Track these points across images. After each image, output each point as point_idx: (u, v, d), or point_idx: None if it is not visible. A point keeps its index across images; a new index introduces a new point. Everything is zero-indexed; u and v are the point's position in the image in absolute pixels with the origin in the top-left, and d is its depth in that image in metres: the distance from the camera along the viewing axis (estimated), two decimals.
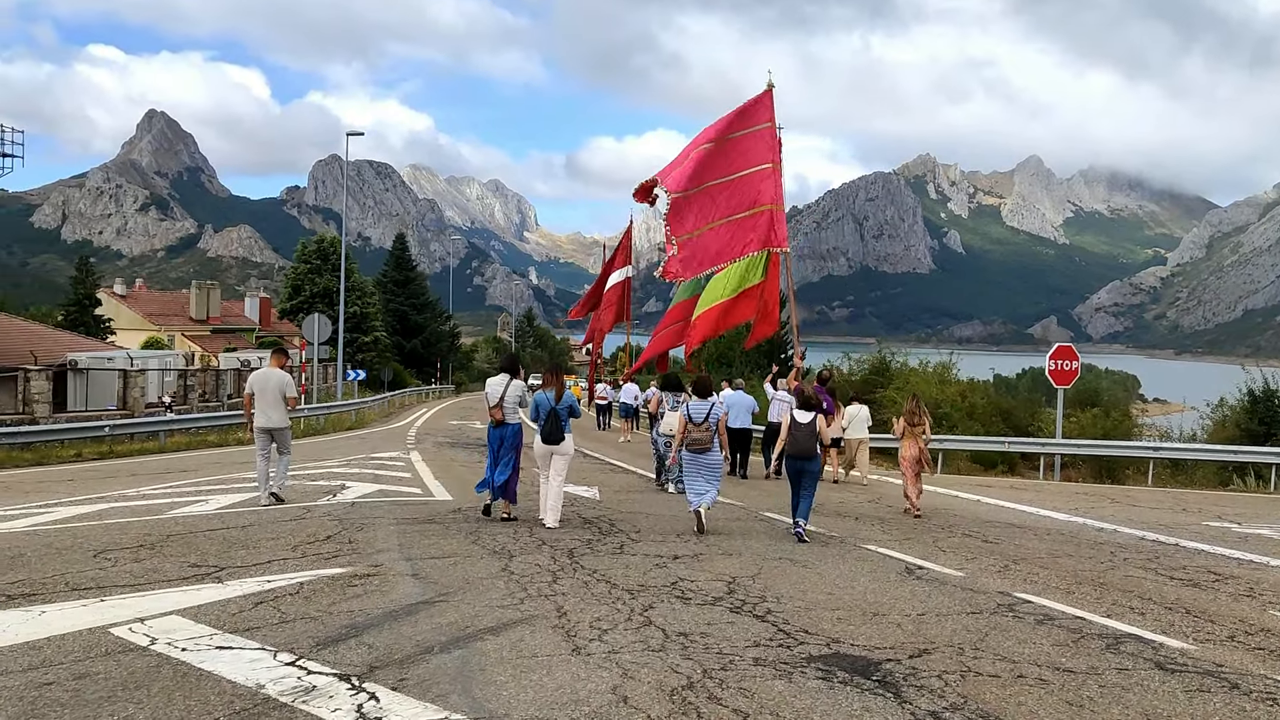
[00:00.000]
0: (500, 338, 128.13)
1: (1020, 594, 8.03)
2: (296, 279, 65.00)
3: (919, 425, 13.41)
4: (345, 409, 34.37)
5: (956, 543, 10.83)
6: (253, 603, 6.69)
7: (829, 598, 7.60)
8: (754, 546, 9.91)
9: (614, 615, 6.62)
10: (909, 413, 13.51)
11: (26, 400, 23.77)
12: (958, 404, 29.26)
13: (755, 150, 16.44)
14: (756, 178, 16.27)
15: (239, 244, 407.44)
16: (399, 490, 13.64)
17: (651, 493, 14.82)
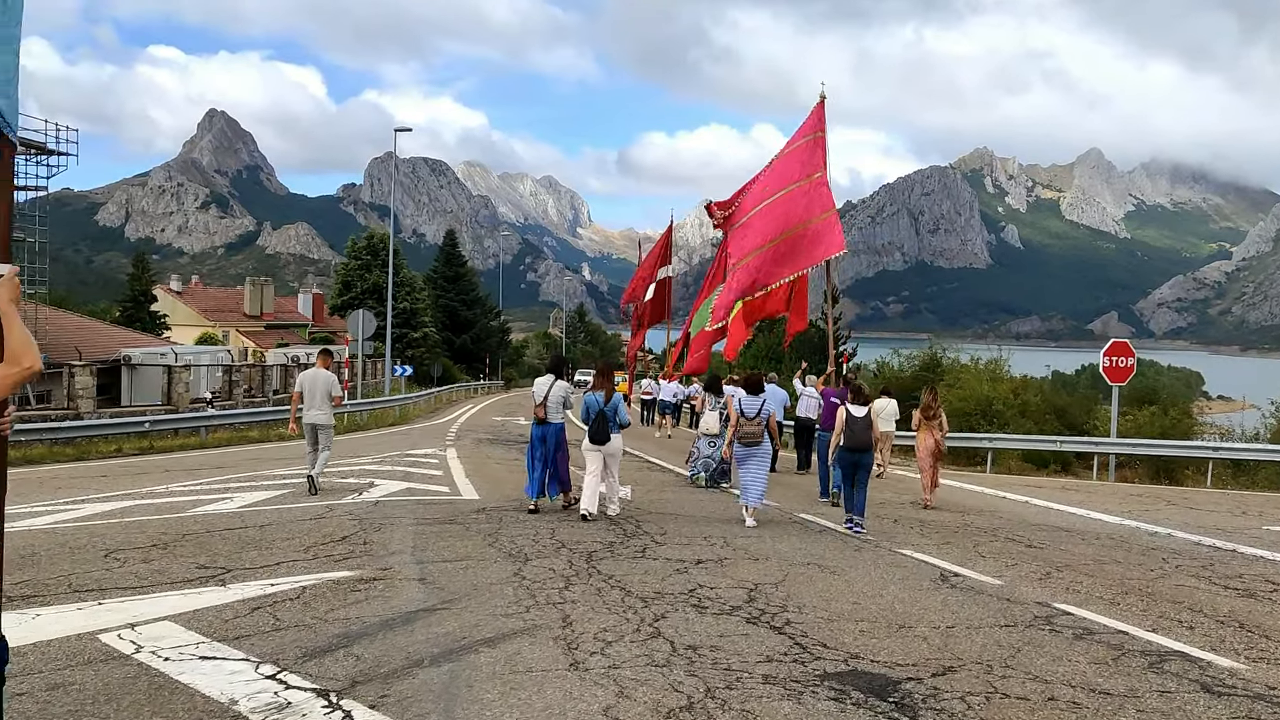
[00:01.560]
0: (551, 334, 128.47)
1: (1060, 605, 7.57)
2: (347, 275, 65.59)
3: (935, 418, 13.65)
4: (388, 405, 34.47)
5: (998, 547, 10.36)
6: (250, 608, 6.48)
7: (854, 608, 7.21)
8: (782, 550, 9.53)
9: (621, 626, 6.30)
10: (925, 406, 13.74)
11: (71, 396, 24.08)
12: (1010, 401, 28.49)
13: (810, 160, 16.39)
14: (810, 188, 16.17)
15: (296, 241, 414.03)
16: (426, 489, 13.46)
17: (685, 493, 14.48)
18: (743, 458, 11.52)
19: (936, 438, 13.67)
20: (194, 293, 77.01)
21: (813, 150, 16.38)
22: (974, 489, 16.75)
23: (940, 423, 13.79)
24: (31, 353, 3.46)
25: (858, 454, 11.42)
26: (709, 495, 14.21)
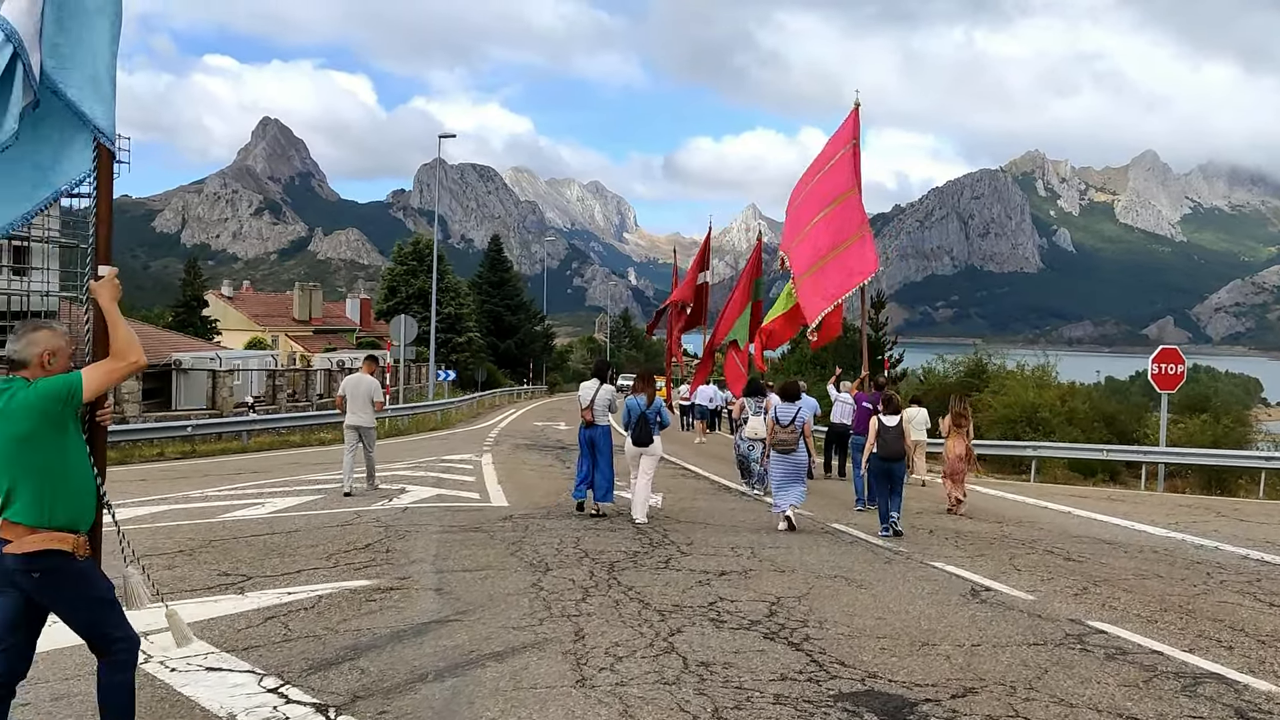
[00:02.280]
0: (596, 339, 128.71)
1: (1094, 622, 7.32)
2: (393, 280, 66.22)
3: (964, 426, 13.75)
4: (430, 409, 34.67)
5: (1035, 560, 10.08)
6: (263, 617, 6.47)
7: (878, 623, 7.02)
8: (809, 562, 9.35)
9: (635, 640, 6.19)
10: (955, 413, 13.80)
11: (118, 399, 24.52)
12: (1056, 408, 27.90)
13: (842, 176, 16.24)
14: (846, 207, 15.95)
15: (347, 246, 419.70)
16: (456, 495, 13.44)
17: (717, 501, 14.32)
18: (778, 464, 11.65)
19: (966, 445, 13.78)
20: (244, 298, 78.17)
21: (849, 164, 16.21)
22: (1015, 499, 16.40)
23: (968, 430, 13.92)
24: (137, 348, 3.92)
25: (890, 463, 11.58)
26: (741, 504, 14.05)
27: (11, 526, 3.69)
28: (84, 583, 3.85)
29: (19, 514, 3.69)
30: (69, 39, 4.16)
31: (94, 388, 3.79)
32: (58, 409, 3.68)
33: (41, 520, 3.69)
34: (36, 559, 3.69)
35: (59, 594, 3.81)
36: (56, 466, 3.71)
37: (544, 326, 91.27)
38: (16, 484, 3.68)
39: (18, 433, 3.64)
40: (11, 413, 3.64)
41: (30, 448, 3.66)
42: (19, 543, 3.68)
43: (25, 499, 3.67)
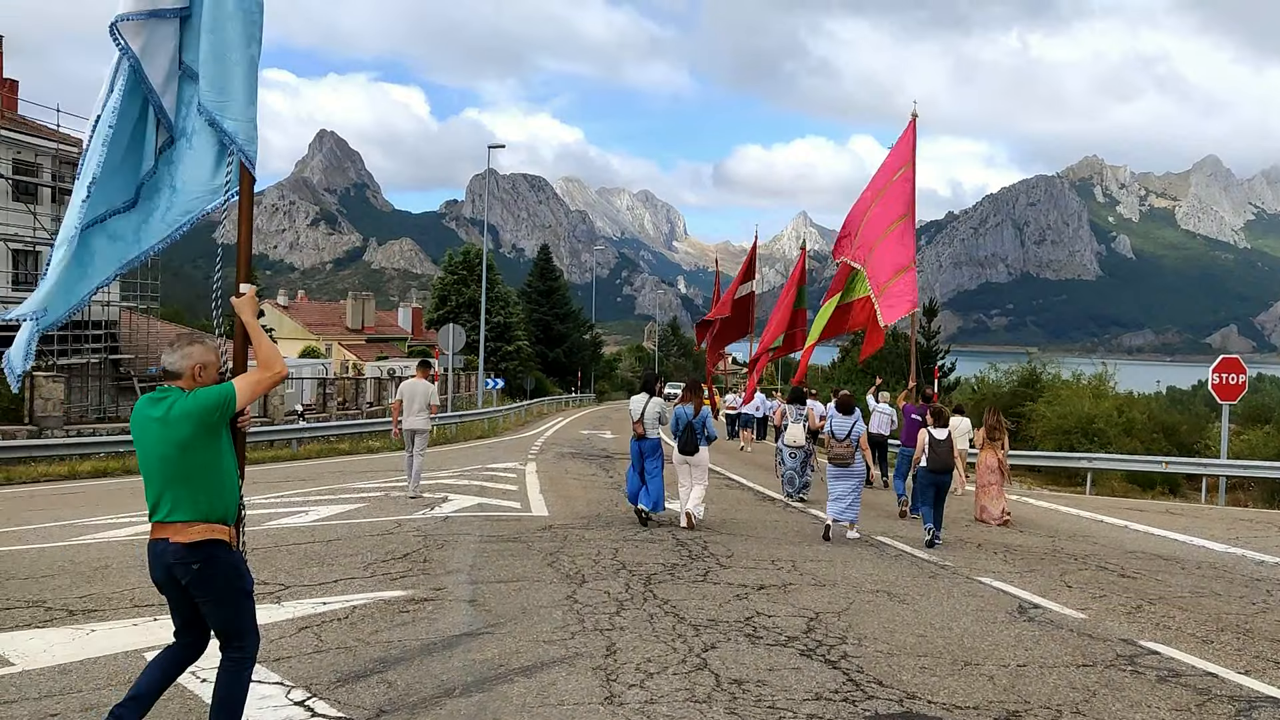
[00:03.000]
0: (644, 347, 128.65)
1: (1146, 642, 7.07)
2: (443, 290, 66.76)
3: (999, 438, 13.81)
4: (477, 417, 34.84)
5: (1087, 577, 9.79)
6: (297, 628, 6.46)
7: (919, 641, 6.84)
8: (852, 576, 9.17)
9: (667, 656, 6.08)
10: (989, 425, 13.85)
11: None
12: (1113, 419, 27.31)
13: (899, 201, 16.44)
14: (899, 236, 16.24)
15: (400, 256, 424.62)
16: (497, 504, 13.42)
17: (760, 512, 14.15)
18: (835, 477, 11.72)
19: (1000, 456, 13.79)
20: (299, 307, 79.31)
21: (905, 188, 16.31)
22: (1070, 511, 16.00)
23: (1003, 442, 13.95)
24: (280, 359, 4.38)
25: (940, 475, 11.58)
26: (784, 515, 13.87)
27: (171, 525, 4.00)
28: (235, 574, 4.12)
29: (178, 512, 4.00)
30: (222, 71, 4.60)
31: (245, 397, 4.13)
32: (215, 418, 4.01)
33: (199, 515, 4.00)
34: (197, 549, 3.99)
35: (212, 584, 4.03)
36: (211, 467, 4.05)
37: (592, 335, 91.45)
38: (175, 485, 3.99)
39: (178, 438, 3.96)
40: (173, 421, 3.96)
41: (189, 452, 3.97)
42: (181, 534, 3.98)
43: (183, 498, 3.98)
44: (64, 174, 33.40)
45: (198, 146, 4.69)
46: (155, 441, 3.99)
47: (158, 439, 3.98)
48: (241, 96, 4.62)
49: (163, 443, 3.96)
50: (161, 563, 4.04)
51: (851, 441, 11.77)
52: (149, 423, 4.01)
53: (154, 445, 3.99)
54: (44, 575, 8.11)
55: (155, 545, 4.06)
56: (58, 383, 22.12)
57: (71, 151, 33.02)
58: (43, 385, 21.39)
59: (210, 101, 4.56)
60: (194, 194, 4.71)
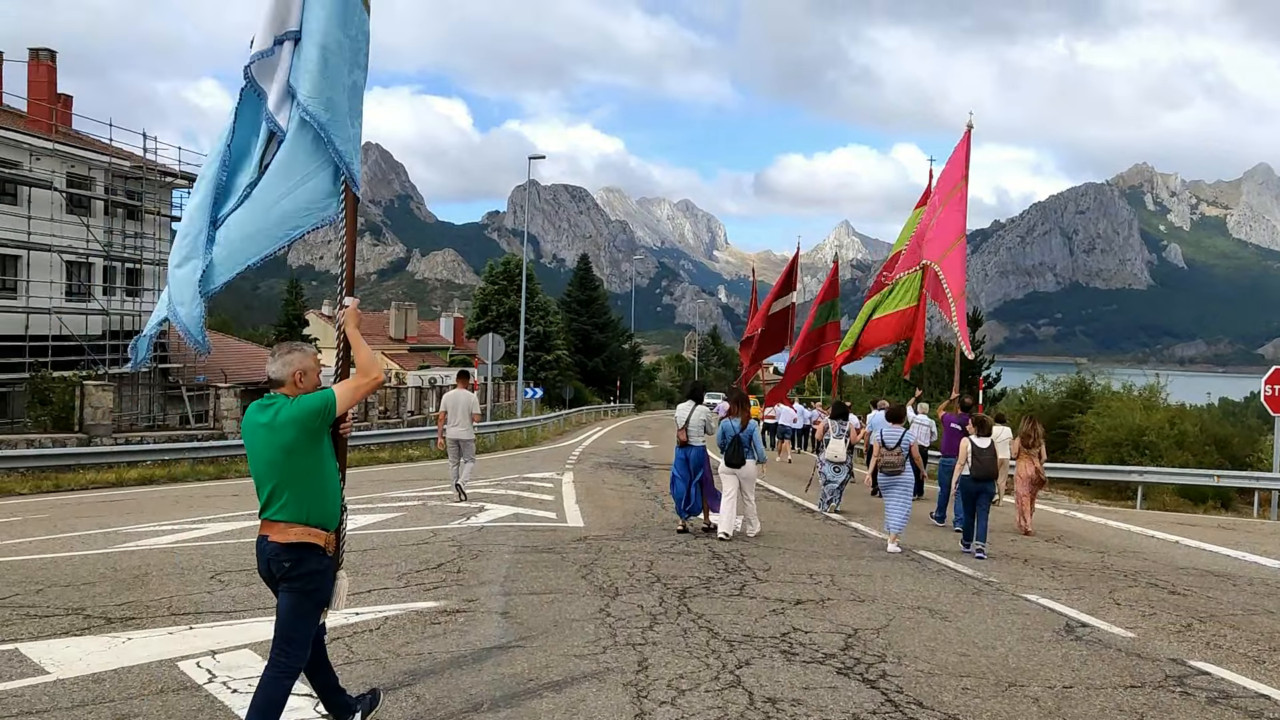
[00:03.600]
0: (684, 357, 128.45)
1: (1197, 662, 6.84)
2: (484, 299, 67.10)
3: (1035, 446, 13.85)
4: (515, 427, 34.91)
5: (1136, 594, 9.52)
6: (329, 638, 6.39)
7: (961, 660, 6.67)
8: (892, 591, 8.99)
9: (700, 672, 5.97)
10: (1025, 434, 13.90)
11: (216, 416, 25.24)
12: (1164, 432, 26.69)
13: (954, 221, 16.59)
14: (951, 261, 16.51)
15: (443, 267, 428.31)
16: (533, 515, 13.37)
17: (800, 525, 13.98)
18: (886, 486, 11.90)
19: (1037, 466, 13.85)
20: None
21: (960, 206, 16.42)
22: (1119, 526, 15.65)
23: (1039, 452, 13.97)
24: (377, 367, 4.53)
25: (982, 483, 11.69)
26: (823, 528, 13.68)
27: (274, 524, 4.25)
28: (317, 581, 4.33)
29: (281, 512, 4.24)
30: (331, 93, 4.89)
31: (345, 403, 4.33)
32: (317, 423, 4.23)
33: (300, 518, 4.24)
34: (293, 549, 4.24)
35: (297, 584, 4.27)
36: (313, 472, 4.27)
37: (632, 344, 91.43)
38: (281, 487, 4.23)
39: (283, 443, 4.18)
40: (279, 426, 4.18)
41: (293, 456, 4.20)
42: (281, 533, 4.24)
43: (287, 500, 4.22)
44: (116, 187, 34.08)
45: (304, 165, 4.91)
46: (263, 446, 4.24)
47: (265, 443, 4.23)
48: (346, 118, 4.91)
49: (269, 447, 4.20)
50: (264, 558, 4.32)
51: (902, 450, 11.90)
52: (257, 428, 4.26)
53: (262, 449, 4.25)
54: (85, 583, 8.18)
55: (260, 541, 4.33)
56: (107, 391, 22.49)
57: (123, 165, 33.69)
58: (92, 394, 21.76)
59: (319, 122, 4.82)
60: (301, 210, 4.92)
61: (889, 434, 11.99)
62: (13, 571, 8.66)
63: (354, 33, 4.96)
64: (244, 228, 4.90)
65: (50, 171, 30.18)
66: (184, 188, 38.03)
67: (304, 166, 4.90)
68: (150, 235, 35.31)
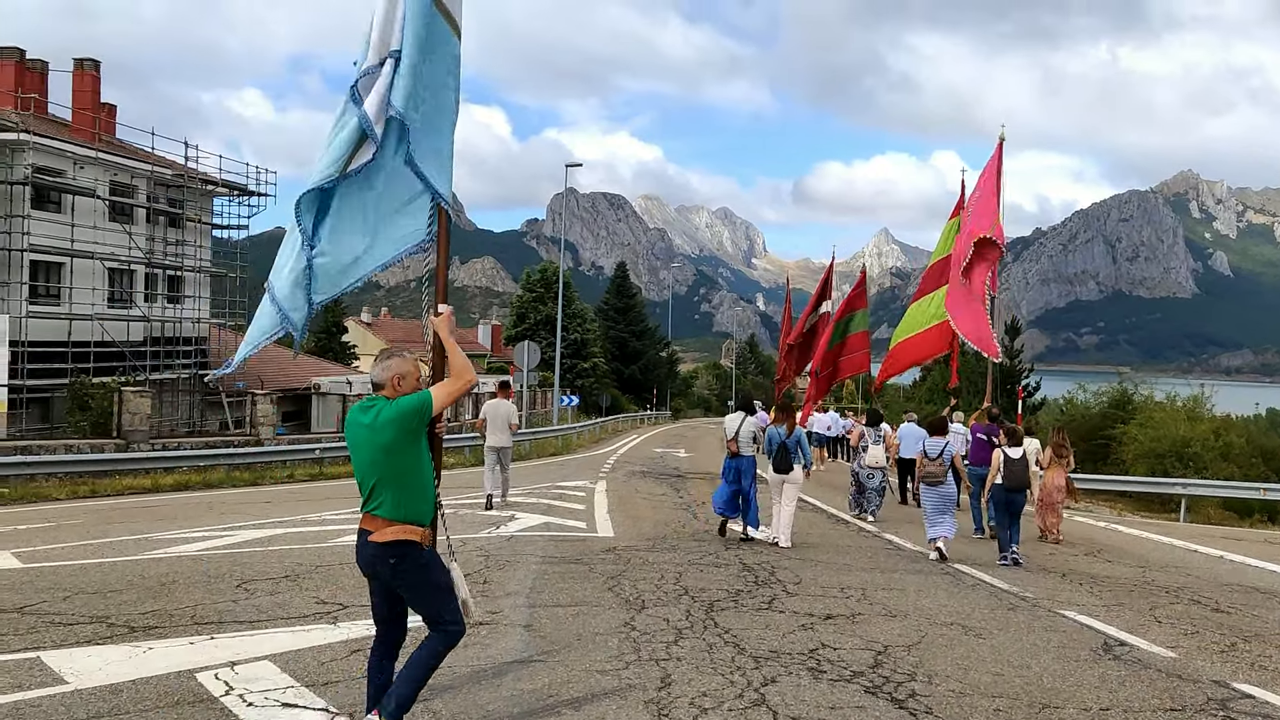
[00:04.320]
0: (721, 365, 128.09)
1: (1240, 685, 6.60)
2: (521, 307, 67.33)
3: (1065, 456, 13.98)
4: (550, 434, 34.89)
5: (1179, 612, 9.25)
6: (349, 650, 6.38)
7: (995, 680, 6.47)
8: (925, 607, 8.79)
9: (724, 690, 5.83)
10: (1055, 444, 14.05)
11: (253, 422, 25.44)
12: (1209, 443, 26.12)
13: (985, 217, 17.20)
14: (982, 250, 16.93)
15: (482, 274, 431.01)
16: (563, 524, 13.29)
17: (834, 536, 13.77)
18: (928, 496, 12.00)
19: (1066, 476, 13.96)
20: (382, 324, 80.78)
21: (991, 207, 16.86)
22: (1162, 540, 15.27)
23: (1068, 461, 14.11)
24: (470, 370, 4.73)
25: (1013, 493, 11.99)
26: (857, 539, 13.48)
27: (374, 519, 4.49)
28: (427, 570, 4.59)
29: (381, 509, 4.48)
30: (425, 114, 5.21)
31: (441, 404, 4.56)
32: (414, 423, 4.46)
33: (397, 515, 4.47)
34: (392, 547, 4.47)
35: (407, 578, 4.54)
36: (410, 470, 4.50)
37: (669, 352, 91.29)
38: (380, 485, 4.47)
39: (383, 442, 4.42)
40: (379, 427, 4.42)
41: (392, 455, 4.43)
42: (379, 533, 4.47)
43: (386, 497, 4.46)
44: (158, 195, 34.52)
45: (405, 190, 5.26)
46: (365, 446, 4.48)
47: (366, 443, 4.47)
48: (439, 138, 5.22)
49: (370, 447, 4.45)
50: (364, 554, 4.56)
51: (944, 460, 12.00)
52: (359, 429, 4.51)
53: (364, 449, 4.49)
54: (111, 590, 8.20)
55: (361, 535, 4.58)
56: (145, 397, 22.75)
57: (165, 173, 34.16)
58: (130, 400, 22.02)
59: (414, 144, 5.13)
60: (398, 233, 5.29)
61: (931, 445, 12.09)
62: (42, 578, 8.71)
63: (442, 57, 5.25)
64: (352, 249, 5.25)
65: (93, 179, 30.65)
66: (224, 195, 38.51)
67: (405, 191, 5.23)
68: (191, 242, 35.78)
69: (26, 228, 28.17)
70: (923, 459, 12.12)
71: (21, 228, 28.15)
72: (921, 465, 12.11)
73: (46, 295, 29.80)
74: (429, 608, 4.60)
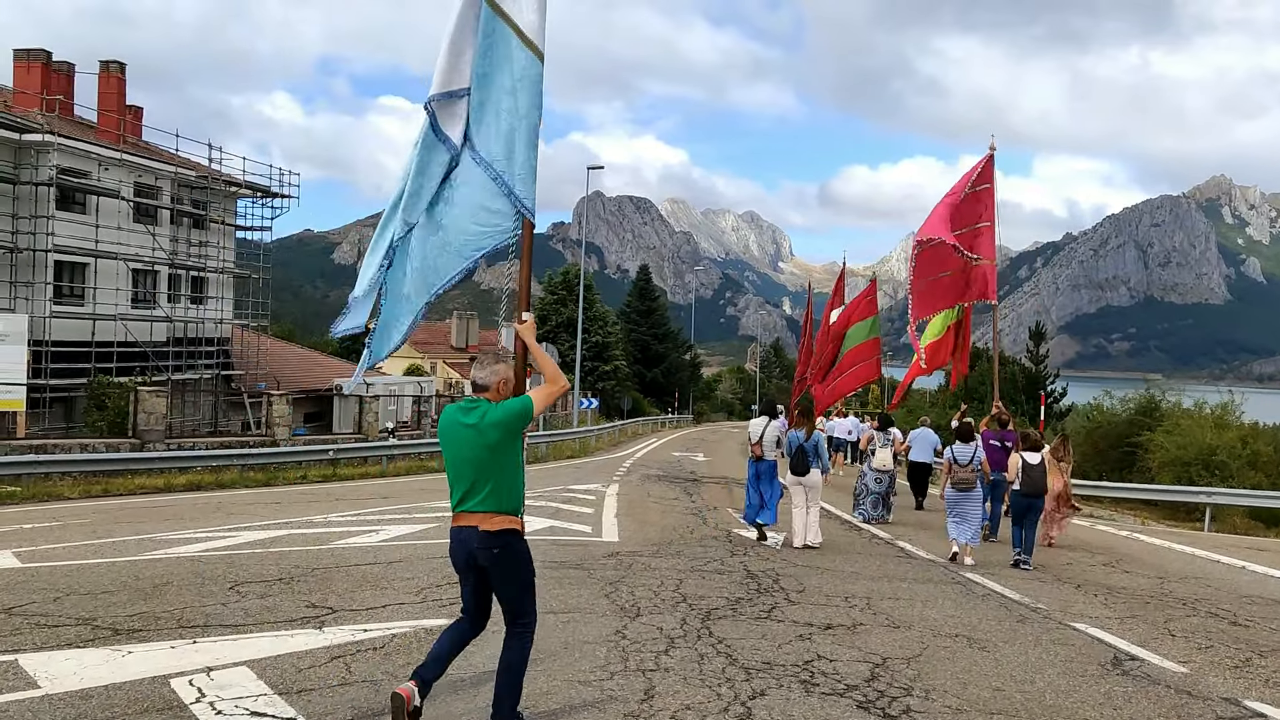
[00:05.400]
0: (746, 369, 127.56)
1: (1253, 703, 6.35)
2: (543, 309, 67.23)
3: (1064, 461, 14.02)
4: (568, 437, 34.79)
5: (1195, 624, 8.97)
6: (330, 656, 6.26)
7: (995, 695, 6.26)
8: (930, 617, 8.56)
9: (709, 704, 5.65)
10: (1055, 448, 13.99)
11: (269, 423, 25.47)
12: (1237, 451, 25.60)
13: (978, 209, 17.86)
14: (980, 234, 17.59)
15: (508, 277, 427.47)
16: (568, 528, 13.14)
17: (844, 542, 13.54)
18: (957, 501, 12.24)
19: (1064, 481, 13.96)
20: None
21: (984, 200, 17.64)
22: (1183, 549, 14.92)
23: (1066, 465, 14.19)
24: (563, 376, 5.08)
25: (1032, 498, 12.19)
26: (867, 546, 13.24)
27: (475, 514, 4.79)
28: (523, 561, 4.94)
29: (485, 503, 4.79)
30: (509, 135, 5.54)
31: (539, 407, 4.87)
32: (519, 424, 4.79)
33: (501, 507, 4.81)
34: (498, 536, 4.79)
35: (506, 568, 4.86)
36: (511, 466, 4.83)
37: (692, 355, 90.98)
38: (483, 481, 4.76)
39: (490, 442, 4.73)
40: (486, 428, 4.72)
41: (496, 453, 4.75)
42: (487, 523, 4.78)
43: (489, 492, 4.77)
44: (182, 197, 34.77)
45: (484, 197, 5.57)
46: (467, 445, 4.76)
47: (470, 443, 4.75)
48: (523, 156, 5.53)
49: (474, 446, 4.73)
50: (465, 547, 4.83)
51: (974, 466, 12.33)
52: (461, 429, 4.80)
53: (465, 448, 4.77)
54: (104, 591, 8.14)
55: (461, 531, 4.85)
56: (160, 397, 22.84)
57: (189, 175, 34.39)
58: (146, 399, 22.10)
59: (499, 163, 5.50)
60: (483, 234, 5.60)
61: (960, 452, 12.37)
62: (38, 578, 8.66)
63: (522, 78, 5.56)
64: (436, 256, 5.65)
65: (118, 181, 30.89)
66: (248, 197, 38.74)
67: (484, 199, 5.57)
68: (215, 244, 36.01)
69: (51, 228, 28.41)
70: (954, 465, 12.39)
71: (46, 228, 28.40)
72: (954, 472, 12.36)
73: (70, 295, 30.04)
74: (514, 599, 4.91)
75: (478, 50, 5.56)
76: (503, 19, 5.54)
